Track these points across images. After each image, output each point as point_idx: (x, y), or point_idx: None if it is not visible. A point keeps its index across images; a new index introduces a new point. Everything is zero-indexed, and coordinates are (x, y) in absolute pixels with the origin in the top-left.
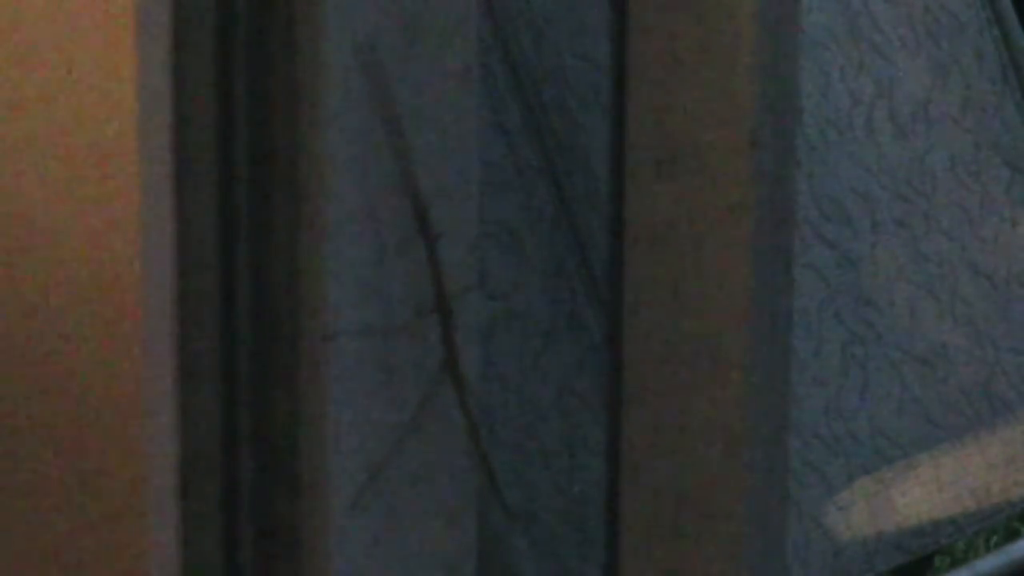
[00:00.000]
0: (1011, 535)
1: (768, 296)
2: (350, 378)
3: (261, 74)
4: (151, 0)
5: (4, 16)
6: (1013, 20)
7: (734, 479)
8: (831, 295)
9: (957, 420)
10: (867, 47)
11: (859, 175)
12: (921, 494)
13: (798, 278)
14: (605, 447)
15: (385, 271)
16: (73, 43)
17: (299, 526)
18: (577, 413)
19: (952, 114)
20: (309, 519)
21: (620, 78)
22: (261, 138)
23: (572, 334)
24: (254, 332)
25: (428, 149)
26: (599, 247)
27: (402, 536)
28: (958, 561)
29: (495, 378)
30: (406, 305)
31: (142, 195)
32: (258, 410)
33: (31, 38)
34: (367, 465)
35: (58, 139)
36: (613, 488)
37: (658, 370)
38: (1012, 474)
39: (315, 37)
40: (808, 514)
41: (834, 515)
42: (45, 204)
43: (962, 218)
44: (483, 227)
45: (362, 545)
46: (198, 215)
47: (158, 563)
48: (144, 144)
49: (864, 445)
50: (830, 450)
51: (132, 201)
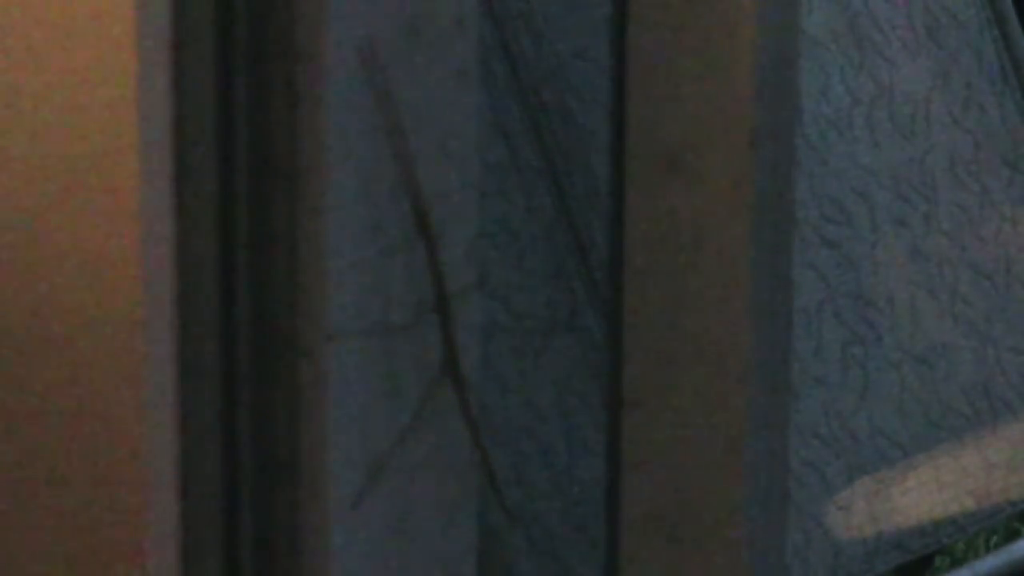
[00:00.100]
0: (1011, 535)
1: (768, 296)
2: (350, 378)
3: (261, 74)
4: (151, 0)
5: (3, 16)
6: (1013, 20)
7: (734, 479)
8: (831, 295)
9: (957, 420)
10: (867, 47)
11: (859, 175)
12: (921, 494)
13: (798, 278)
14: (605, 447)
15: (385, 271)
16: (73, 43)
17: (299, 526)
18: (577, 413)
19: (952, 114)
20: (309, 519)
21: (620, 78)
22: (261, 138)
23: (572, 334)
24: (254, 332)
25: (428, 149)
26: (599, 247)
27: (402, 536)
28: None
29: (495, 378)
30: (406, 305)
31: (142, 195)
32: (258, 410)
33: (31, 38)
34: (367, 465)
35: (58, 139)
36: (613, 488)
37: (658, 370)
38: (1012, 474)
39: (315, 37)
40: (808, 514)
41: (834, 515)
42: (45, 204)
43: (962, 218)
44: (483, 227)
45: (362, 545)
46: (198, 215)
47: (158, 563)
48: (144, 144)
49: (864, 445)
50: (830, 450)
51: (132, 201)
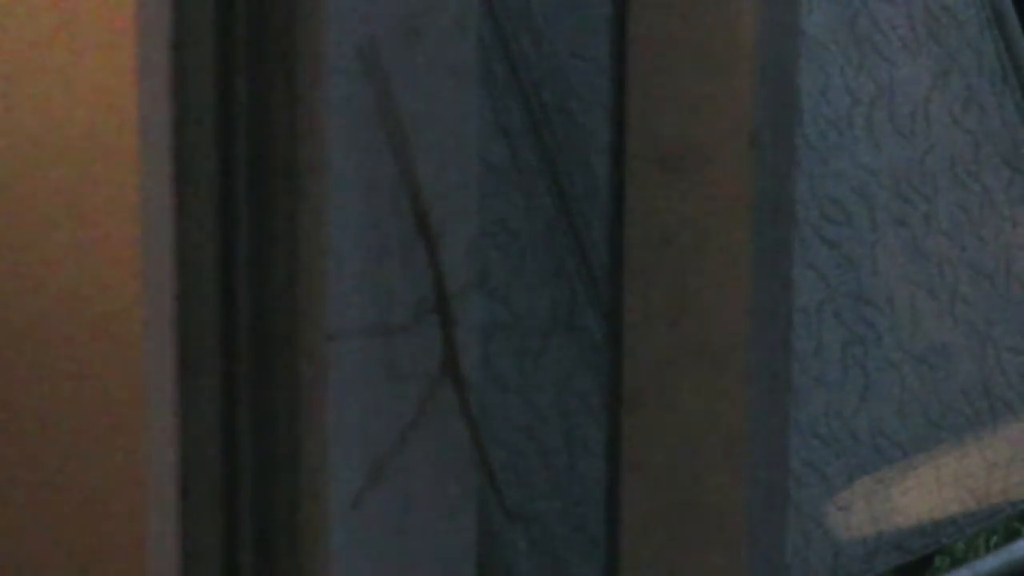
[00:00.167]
0: (1011, 535)
1: (768, 296)
2: (350, 378)
3: (261, 75)
4: (151, 0)
5: (4, 16)
6: (1013, 20)
7: (734, 479)
8: (831, 295)
9: (957, 420)
10: (867, 47)
11: (859, 175)
12: (921, 494)
13: (798, 278)
14: (605, 447)
15: (385, 271)
16: (73, 43)
17: (299, 526)
18: (577, 413)
19: (952, 114)
20: (309, 519)
21: (620, 78)
22: (261, 138)
23: (572, 334)
24: (254, 332)
25: (428, 149)
26: (599, 247)
27: (402, 536)
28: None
29: (495, 378)
30: (406, 305)
31: (142, 195)
32: (258, 410)
33: (31, 38)
34: (367, 465)
35: (58, 139)
36: (613, 488)
37: (658, 370)
38: (1012, 474)
39: (315, 37)
40: (808, 514)
41: (834, 515)
42: (45, 204)
43: (962, 218)
44: (483, 227)
45: (362, 545)
46: (198, 215)
47: (158, 563)
48: (144, 144)
49: (864, 445)
50: (830, 450)
51: (132, 201)
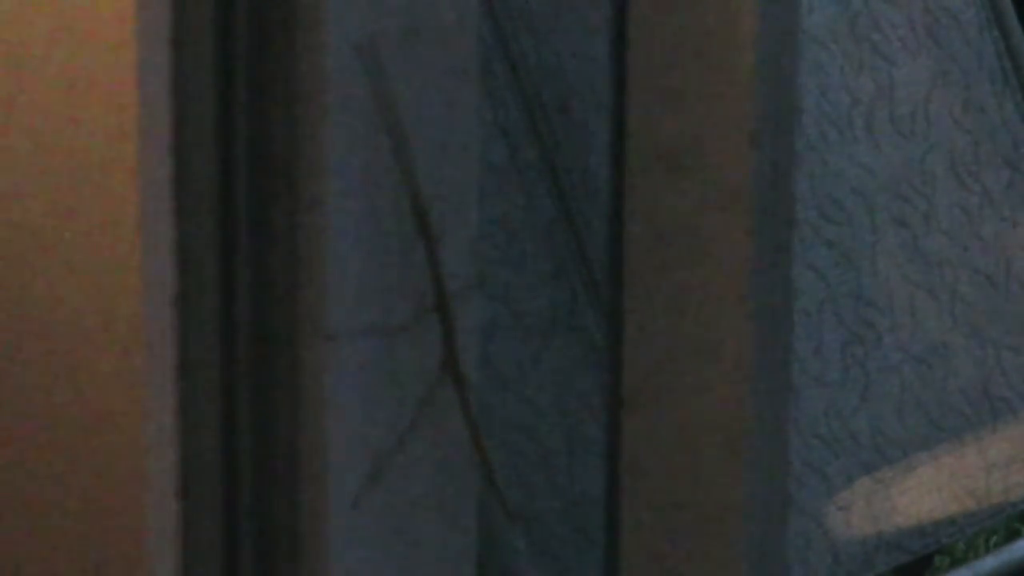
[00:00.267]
0: (1011, 535)
1: (768, 296)
2: (350, 378)
3: (261, 74)
4: (151, 0)
5: (3, 17)
6: (1013, 20)
7: (734, 479)
8: (831, 295)
9: (957, 420)
10: (867, 47)
11: (859, 175)
12: (921, 494)
13: (798, 278)
14: (605, 447)
15: (385, 271)
16: (73, 43)
17: (299, 526)
18: (577, 413)
19: (952, 114)
20: (309, 519)
21: (620, 78)
22: (261, 138)
23: (572, 334)
24: (254, 332)
25: (428, 149)
26: (599, 247)
27: (402, 536)
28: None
29: (495, 378)
30: (406, 305)
31: (142, 195)
32: (258, 410)
33: (31, 38)
34: (367, 465)
35: (58, 139)
36: (613, 488)
37: (658, 370)
38: (1012, 474)
39: (315, 37)
40: (808, 514)
41: (834, 515)
42: (45, 205)
43: (962, 218)
44: (483, 227)
45: (362, 545)
46: (198, 215)
47: (158, 563)
48: (144, 144)
49: (864, 445)
50: (830, 450)
51: (132, 201)
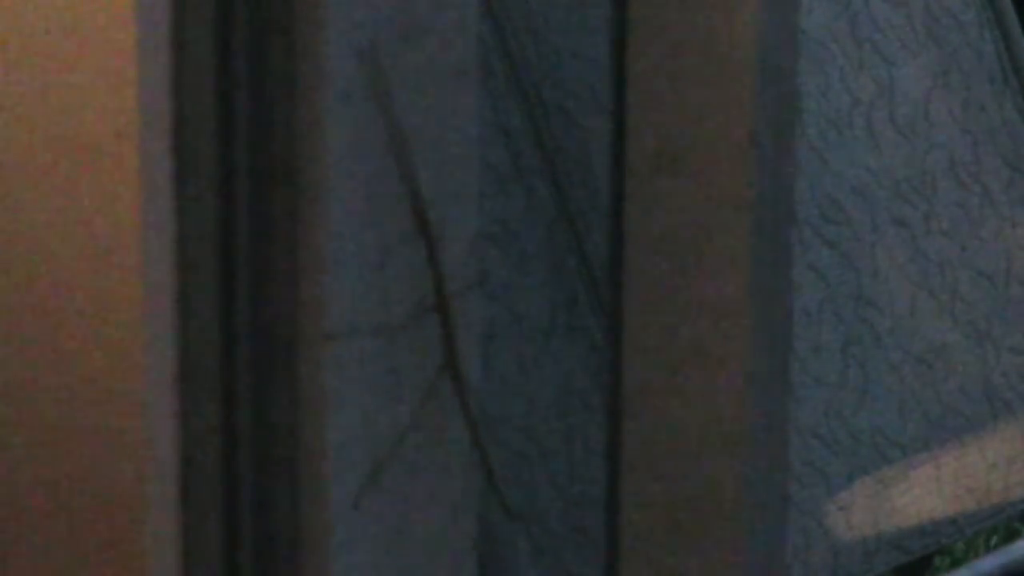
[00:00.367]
0: (1011, 535)
1: (768, 296)
2: (350, 378)
3: (261, 74)
4: (151, 0)
5: (3, 17)
6: (1013, 20)
7: (734, 479)
8: (831, 295)
9: (957, 420)
10: (867, 47)
11: (859, 175)
12: (921, 494)
13: (798, 278)
14: (605, 447)
15: (385, 271)
16: (73, 43)
17: (299, 526)
18: (577, 413)
19: (952, 114)
20: (309, 519)
21: (620, 78)
22: (261, 138)
23: (572, 334)
24: (254, 332)
25: (428, 149)
26: (599, 247)
27: (402, 536)
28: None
29: (495, 378)
30: (406, 305)
31: (142, 195)
32: (258, 410)
33: (31, 38)
34: (367, 465)
35: (58, 139)
36: (613, 488)
37: (658, 370)
38: (1012, 474)
39: (315, 37)
40: (808, 514)
41: (834, 515)
42: (45, 205)
43: (962, 218)
44: (483, 227)
45: (362, 545)
46: (198, 215)
47: (158, 563)
48: (144, 144)
49: (864, 445)
50: (830, 450)
51: (132, 201)
